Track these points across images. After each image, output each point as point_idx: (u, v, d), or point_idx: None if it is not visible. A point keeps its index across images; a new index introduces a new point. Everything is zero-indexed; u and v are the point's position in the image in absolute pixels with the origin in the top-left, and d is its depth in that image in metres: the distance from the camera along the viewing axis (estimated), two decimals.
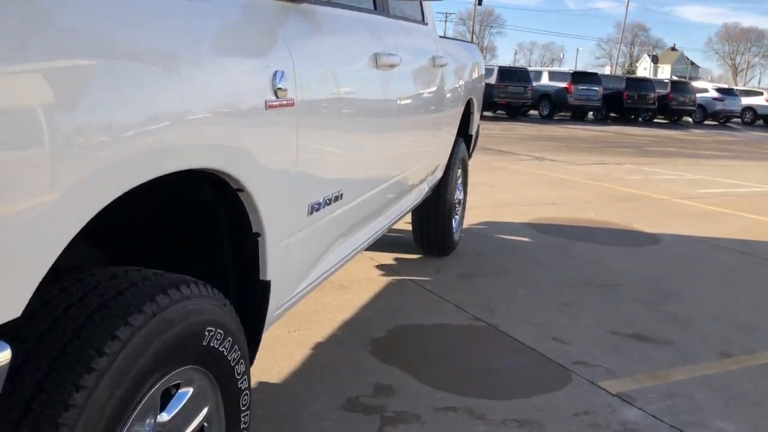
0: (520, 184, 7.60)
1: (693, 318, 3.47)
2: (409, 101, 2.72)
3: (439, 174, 3.82)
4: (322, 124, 1.75)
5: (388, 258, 4.18)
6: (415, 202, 3.39)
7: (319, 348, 2.82)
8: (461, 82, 3.86)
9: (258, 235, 1.49)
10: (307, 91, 1.61)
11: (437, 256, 4.26)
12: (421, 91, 2.97)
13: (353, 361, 2.71)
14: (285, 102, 1.47)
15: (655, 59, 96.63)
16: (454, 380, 2.59)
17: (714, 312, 3.59)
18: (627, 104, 23.62)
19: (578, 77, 22.83)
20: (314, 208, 1.76)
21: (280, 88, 1.45)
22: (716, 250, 4.96)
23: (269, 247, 1.52)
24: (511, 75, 20.92)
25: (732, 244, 5.15)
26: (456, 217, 4.36)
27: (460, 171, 4.32)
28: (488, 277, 3.95)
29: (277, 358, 2.68)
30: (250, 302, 1.57)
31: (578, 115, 23.45)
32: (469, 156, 4.70)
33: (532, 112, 23.15)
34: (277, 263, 1.59)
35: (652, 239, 5.21)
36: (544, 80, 23.18)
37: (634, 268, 4.33)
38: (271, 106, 1.41)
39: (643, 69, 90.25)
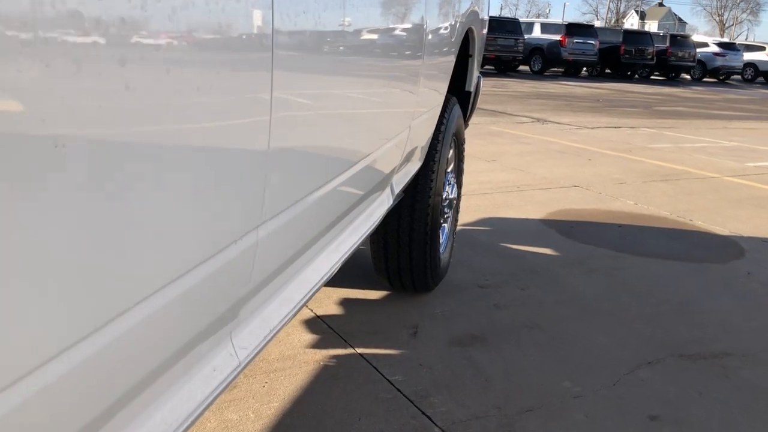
0: (525, 156, 5.86)
1: None
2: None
3: (414, 166, 2.07)
4: None
5: (326, 300, 2.45)
6: (370, 229, 1.64)
7: None
8: None
9: None
10: None
11: (413, 292, 2.55)
12: None
13: None
14: None
15: (642, 15, 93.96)
16: None
17: None
18: (624, 59, 21.79)
19: (573, 29, 20.90)
20: None
21: None
22: None
23: None
24: (500, 26, 18.90)
25: None
26: (445, 227, 2.63)
27: (452, 152, 2.57)
28: (501, 343, 2.24)
29: None
30: None
31: (571, 71, 21.60)
32: (465, 125, 2.96)
33: (522, 67, 21.27)
34: None
35: (732, 247, 3.53)
36: (536, 32, 21.22)
37: (736, 313, 2.65)
38: None
39: (630, 25, 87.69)
